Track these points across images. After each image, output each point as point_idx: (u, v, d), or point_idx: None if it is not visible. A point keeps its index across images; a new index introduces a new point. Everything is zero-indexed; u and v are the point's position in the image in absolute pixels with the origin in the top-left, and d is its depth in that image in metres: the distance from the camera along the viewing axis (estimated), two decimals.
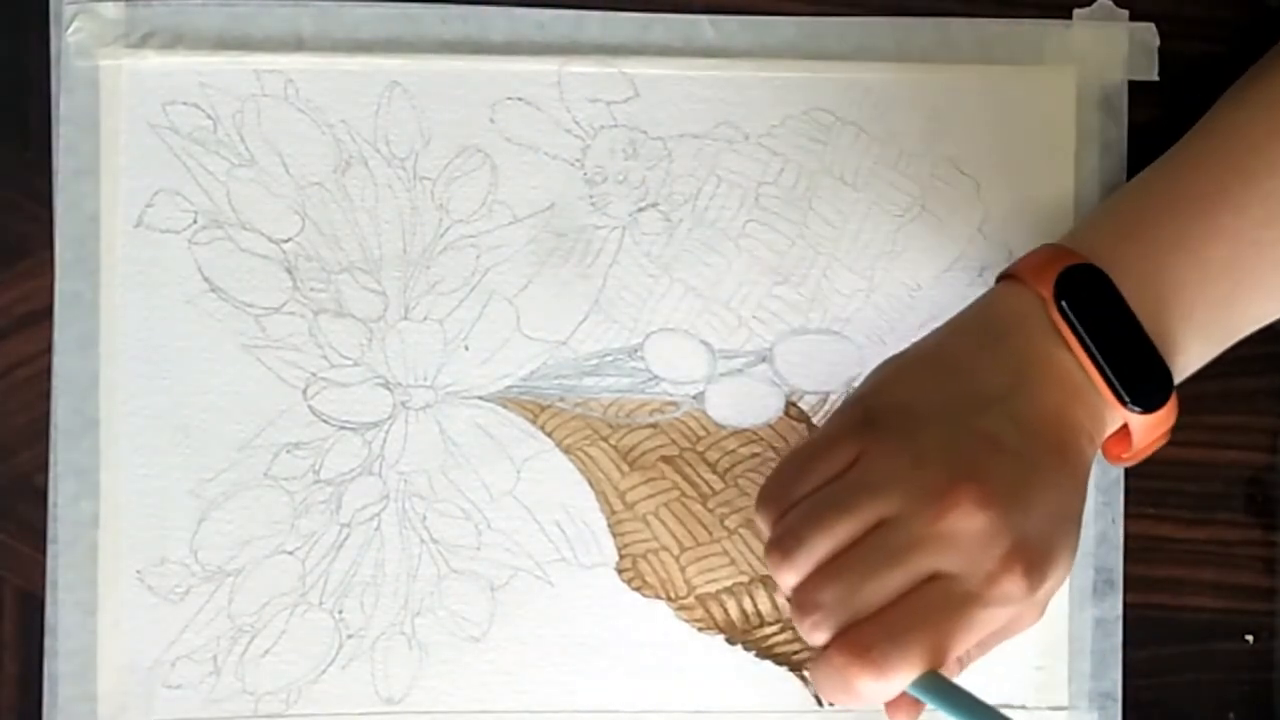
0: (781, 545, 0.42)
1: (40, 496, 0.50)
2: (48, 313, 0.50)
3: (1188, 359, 0.45)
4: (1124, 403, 0.43)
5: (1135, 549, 0.51)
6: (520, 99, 0.51)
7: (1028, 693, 0.51)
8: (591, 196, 0.51)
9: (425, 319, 0.51)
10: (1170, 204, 0.45)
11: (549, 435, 0.51)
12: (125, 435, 0.50)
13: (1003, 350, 0.43)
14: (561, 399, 0.51)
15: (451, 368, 0.51)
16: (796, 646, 0.51)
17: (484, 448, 0.51)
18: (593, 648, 0.50)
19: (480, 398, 0.51)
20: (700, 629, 0.51)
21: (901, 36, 0.51)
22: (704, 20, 0.51)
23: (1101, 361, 0.42)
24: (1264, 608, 0.51)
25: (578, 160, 0.51)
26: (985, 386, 0.42)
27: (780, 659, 0.51)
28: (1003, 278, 0.46)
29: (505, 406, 0.51)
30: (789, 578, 0.42)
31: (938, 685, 0.41)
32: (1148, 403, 0.43)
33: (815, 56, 0.51)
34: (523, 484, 0.51)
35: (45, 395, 0.50)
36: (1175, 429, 0.45)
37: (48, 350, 0.50)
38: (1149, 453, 0.45)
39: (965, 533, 0.40)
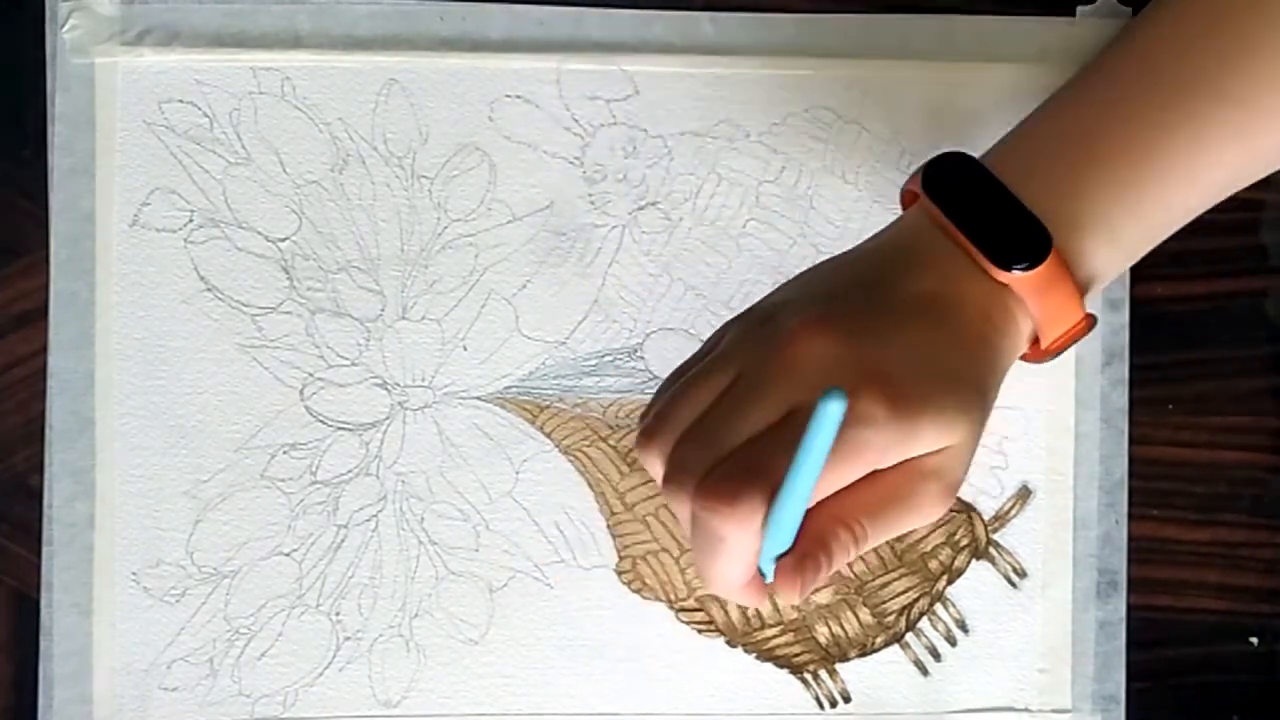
0: (645, 431, 0.40)
1: (35, 497, 0.50)
2: (43, 312, 0.50)
3: (1098, 245, 0.42)
4: (998, 263, 0.41)
5: (1139, 551, 0.50)
6: (519, 97, 0.50)
7: (1031, 695, 0.50)
8: (591, 195, 0.50)
9: (423, 319, 0.50)
10: (1069, 101, 0.44)
11: (548, 436, 0.50)
12: (121, 436, 0.50)
13: (884, 247, 0.42)
14: (560, 399, 0.50)
15: (449, 368, 0.50)
16: (798, 649, 0.50)
17: (482, 448, 0.50)
18: (592, 650, 0.50)
19: (479, 398, 0.50)
20: (701, 631, 0.50)
21: (903, 33, 0.51)
22: (704, 17, 0.50)
23: (966, 227, 0.41)
24: (1268, 610, 0.51)
25: (577, 158, 0.50)
26: (861, 274, 0.42)
27: (781, 661, 0.50)
28: None
29: (504, 407, 0.50)
30: (653, 459, 0.40)
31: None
32: (1020, 259, 0.40)
33: (816, 54, 0.50)
34: (521, 485, 0.50)
35: (40, 395, 0.50)
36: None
37: (43, 350, 0.50)
38: (1067, 340, 0.43)
39: (812, 359, 0.38)
